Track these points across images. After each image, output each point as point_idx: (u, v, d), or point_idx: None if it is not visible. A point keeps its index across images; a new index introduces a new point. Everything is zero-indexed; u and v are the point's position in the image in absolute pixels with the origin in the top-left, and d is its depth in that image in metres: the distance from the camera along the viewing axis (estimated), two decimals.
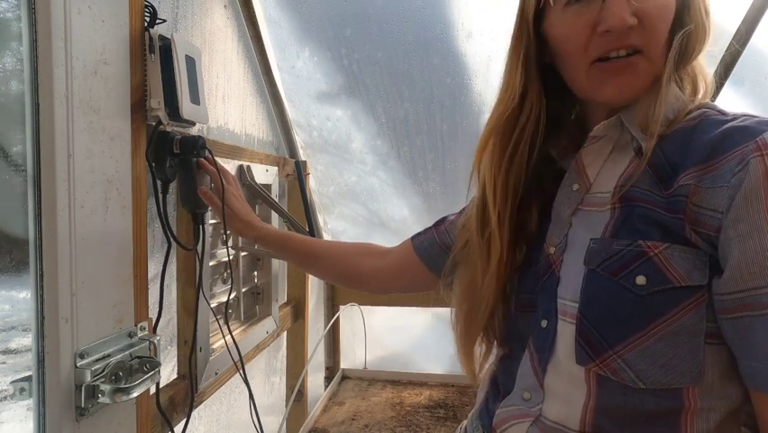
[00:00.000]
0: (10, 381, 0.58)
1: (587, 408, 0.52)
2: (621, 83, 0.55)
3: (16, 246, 0.65)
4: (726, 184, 0.46)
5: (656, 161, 0.54)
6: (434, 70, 1.40)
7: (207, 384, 0.99)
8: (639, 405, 0.50)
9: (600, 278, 0.52)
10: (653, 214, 0.51)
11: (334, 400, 1.58)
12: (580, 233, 0.57)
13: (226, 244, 1.08)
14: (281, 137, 1.56)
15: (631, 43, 0.53)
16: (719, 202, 0.46)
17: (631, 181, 0.54)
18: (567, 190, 0.62)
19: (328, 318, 1.87)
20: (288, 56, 1.42)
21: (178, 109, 0.78)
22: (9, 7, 0.65)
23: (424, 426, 1.41)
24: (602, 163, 0.60)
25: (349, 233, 1.85)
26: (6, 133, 0.68)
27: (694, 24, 0.54)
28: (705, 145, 0.50)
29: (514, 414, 0.59)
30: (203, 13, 1.09)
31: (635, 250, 0.50)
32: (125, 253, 0.71)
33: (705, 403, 0.49)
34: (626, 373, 0.49)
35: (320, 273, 1.09)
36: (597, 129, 0.59)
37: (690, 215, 0.48)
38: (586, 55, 0.55)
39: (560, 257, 0.58)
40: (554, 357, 0.56)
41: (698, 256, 0.48)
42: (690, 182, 0.49)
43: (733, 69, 1.21)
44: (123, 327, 0.70)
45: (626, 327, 0.49)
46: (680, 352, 0.48)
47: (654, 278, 0.48)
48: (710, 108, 0.56)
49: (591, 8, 0.53)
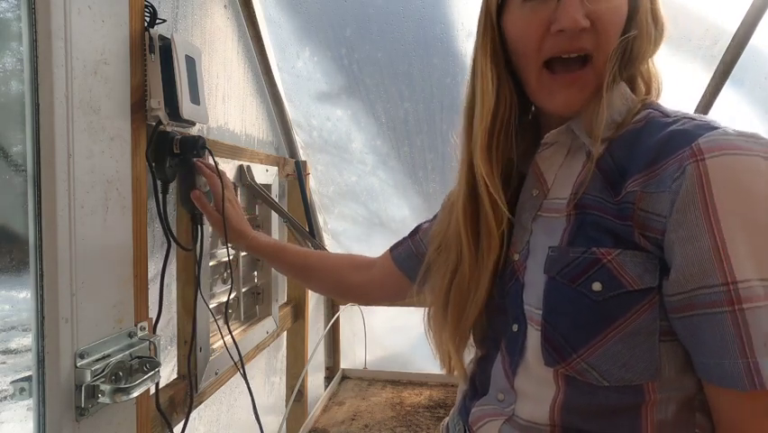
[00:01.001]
0: (10, 381, 0.58)
1: (555, 404, 0.54)
2: (569, 96, 0.56)
3: (16, 246, 0.65)
4: (667, 189, 0.48)
5: (606, 166, 0.55)
6: (434, 70, 1.40)
7: (207, 384, 1.00)
8: (604, 401, 0.52)
9: (560, 285, 0.54)
10: (604, 222, 0.53)
11: (334, 400, 1.58)
12: (541, 239, 0.59)
13: (226, 244, 1.08)
14: (281, 137, 1.56)
15: (582, 46, 0.54)
16: (662, 207, 0.48)
17: (583, 188, 0.56)
18: (528, 196, 0.63)
19: (328, 318, 1.87)
20: (287, 56, 1.42)
21: (178, 109, 0.78)
22: (9, 7, 0.65)
23: (424, 426, 1.41)
24: (558, 169, 0.61)
25: (349, 233, 1.85)
26: (6, 133, 0.68)
27: (638, 30, 0.55)
28: (649, 150, 0.51)
29: (488, 412, 0.61)
30: (203, 13, 1.09)
31: (589, 257, 0.52)
32: (125, 253, 0.71)
33: (663, 395, 0.51)
34: (591, 373, 0.51)
35: (314, 287, 1.10)
36: (548, 136, 0.60)
37: (638, 220, 0.50)
38: (539, 54, 0.56)
39: (523, 264, 0.60)
40: (524, 361, 0.57)
41: (648, 259, 0.50)
42: (636, 189, 0.50)
43: (733, 69, 1.21)
44: (123, 327, 0.70)
45: (587, 331, 0.51)
46: (637, 351, 0.50)
47: (609, 284, 0.50)
48: (654, 109, 0.56)
49: (547, 6, 0.54)
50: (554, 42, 0.54)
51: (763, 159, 0.46)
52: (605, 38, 0.54)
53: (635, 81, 0.60)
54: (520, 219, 0.63)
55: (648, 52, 0.57)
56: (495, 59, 0.60)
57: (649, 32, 0.56)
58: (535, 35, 0.55)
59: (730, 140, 0.47)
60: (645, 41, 0.56)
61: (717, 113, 1.30)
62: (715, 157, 0.46)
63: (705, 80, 1.27)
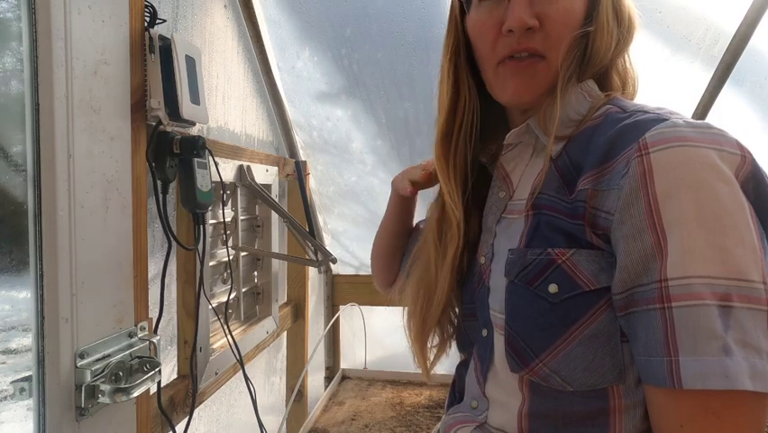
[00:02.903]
0: (10, 381, 0.58)
1: (522, 413, 0.53)
2: (519, 84, 0.56)
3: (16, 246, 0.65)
4: (616, 187, 0.47)
5: (562, 164, 0.55)
6: (435, 70, 1.39)
7: (207, 384, 0.99)
8: (569, 407, 0.51)
9: (519, 288, 0.53)
10: (557, 221, 0.52)
11: (334, 400, 1.58)
12: (503, 242, 0.58)
13: (226, 244, 1.09)
14: (281, 137, 1.56)
15: (531, 46, 0.54)
16: (611, 204, 0.47)
17: (540, 188, 0.55)
18: (495, 198, 0.63)
19: (328, 318, 1.87)
20: (287, 56, 1.42)
21: (178, 109, 0.78)
22: (9, 7, 0.65)
23: (424, 426, 1.41)
24: (524, 169, 0.61)
25: (349, 233, 1.85)
26: (6, 133, 0.68)
27: (597, 29, 0.55)
28: (601, 146, 0.50)
29: (461, 419, 0.61)
30: (203, 13, 1.09)
31: (545, 259, 0.51)
32: (125, 253, 0.71)
33: (629, 400, 0.50)
34: (554, 378, 0.50)
35: (382, 268, 0.93)
36: (509, 136, 0.60)
37: (589, 218, 0.49)
38: (494, 54, 0.57)
39: (488, 267, 0.59)
40: (493, 367, 0.57)
41: (603, 258, 0.49)
42: (587, 187, 0.50)
43: (733, 69, 1.21)
44: (124, 327, 0.70)
45: (547, 334, 0.50)
46: (600, 353, 0.49)
47: (565, 285, 0.49)
48: (614, 104, 0.55)
49: (500, 7, 0.55)
50: (506, 42, 0.55)
51: (712, 149, 0.44)
52: (555, 39, 0.54)
53: (609, 78, 0.60)
54: (486, 222, 0.63)
55: (611, 50, 0.56)
56: (455, 59, 0.62)
57: (610, 30, 0.55)
58: (489, 36, 0.56)
59: (678, 131, 0.45)
60: (606, 39, 0.55)
61: (717, 113, 1.30)
62: (660, 150, 0.45)
63: (705, 80, 1.26)
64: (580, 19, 0.55)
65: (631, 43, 0.59)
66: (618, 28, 0.57)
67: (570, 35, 0.54)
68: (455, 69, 0.62)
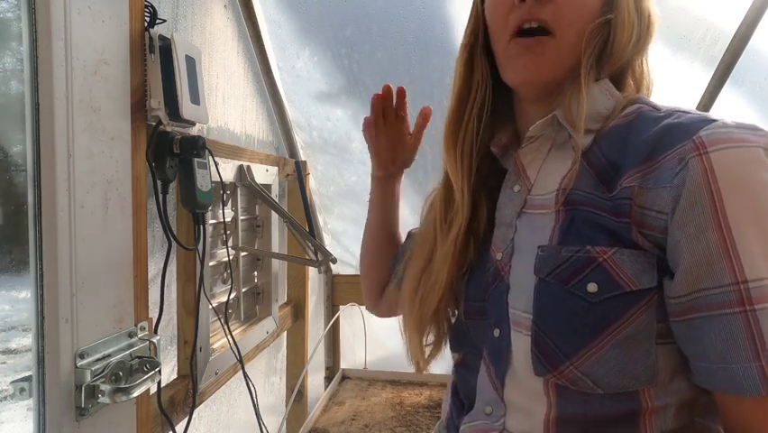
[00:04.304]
0: (10, 381, 0.58)
1: (549, 419, 0.51)
2: (528, 62, 0.55)
3: (16, 246, 0.65)
4: (668, 185, 0.46)
5: (596, 161, 0.53)
6: (434, 70, 1.40)
7: (207, 384, 0.99)
8: (599, 410, 0.49)
9: (552, 287, 0.51)
10: (598, 218, 0.50)
11: (334, 401, 1.58)
12: (526, 237, 0.56)
13: (226, 244, 1.09)
14: (281, 137, 1.56)
15: (542, 17, 0.54)
16: (663, 203, 0.46)
17: (572, 183, 0.54)
18: (509, 192, 0.60)
19: (328, 318, 1.87)
20: (288, 56, 1.42)
21: (178, 109, 0.78)
22: (9, 7, 0.65)
23: (424, 426, 1.41)
24: (541, 163, 0.59)
25: (349, 233, 1.85)
26: (6, 133, 0.68)
27: (617, 17, 0.54)
28: (644, 144, 0.49)
29: (478, 428, 0.58)
30: (203, 13, 1.09)
31: (584, 256, 0.49)
32: (125, 253, 0.71)
33: (660, 402, 0.49)
34: (585, 381, 0.49)
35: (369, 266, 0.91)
36: (533, 128, 0.58)
37: (636, 217, 0.48)
38: (506, 26, 0.56)
39: (508, 263, 0.57)
40: (511, 369, 0.54)
41: (646, 259, 0.48)
42: (633, 184, 0.48)
43: (733, 69, 1.21)
44: (124, 327, 0.70)
45: (581, 336, 0.48)
46: (634, 356, 0.47)
47: (606, 284, 0.48)
48: (644, 103, 0.55)
49: None
50: (517, 14, 0.55)
51: (763, 150, 0.44)
52: (567, 12, 0.53)
53: (625, 79, 0.59)
54: (501, 216, 0.60)
55: (630, 45, 0.56)
56: (473, 42, 0.62)
57: (632, 21, 0.55)
58: (503, 8, 0.57)
59: (731, 132, 0.45)
60: (628, 30, 0.55)
61: (717, 113, 1.29)
62: (718, 150, 0.44)
63: (705, 80, 1.26)
64: (594, 10, 0.54)
65: (651, 42, 0.58)
66: (639, 23, 0.56)
67: (579, 12, 0.54)
68: (471, 49, 0.62)
